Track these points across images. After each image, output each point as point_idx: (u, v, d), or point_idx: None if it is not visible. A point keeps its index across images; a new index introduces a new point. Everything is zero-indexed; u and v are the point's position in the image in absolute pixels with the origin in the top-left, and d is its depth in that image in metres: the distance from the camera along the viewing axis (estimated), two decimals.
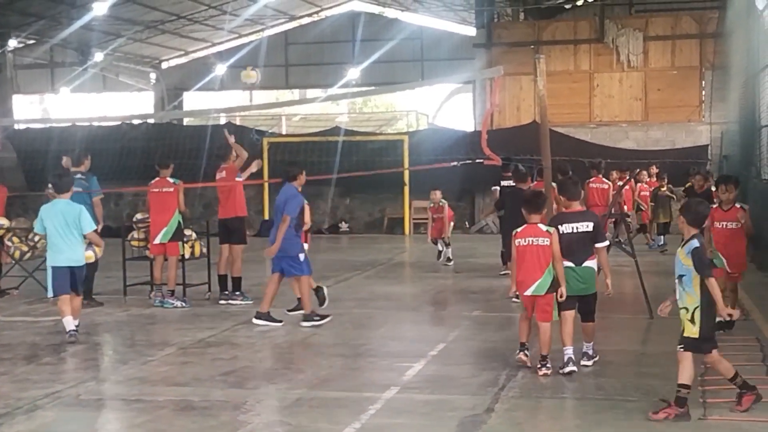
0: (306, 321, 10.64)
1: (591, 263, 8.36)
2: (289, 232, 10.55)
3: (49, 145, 23.51)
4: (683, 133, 26.73)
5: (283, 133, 35.58)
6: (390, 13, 38.19)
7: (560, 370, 8.05)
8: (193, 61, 38.87)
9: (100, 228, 12.57)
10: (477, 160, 16.27)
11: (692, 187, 16.02)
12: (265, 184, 24.82)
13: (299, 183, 10.91)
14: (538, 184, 13.36)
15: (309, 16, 38.25)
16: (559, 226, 8.35)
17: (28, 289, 13.26)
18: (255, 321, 10.79)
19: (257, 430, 6.60)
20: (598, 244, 8.42)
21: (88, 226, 10.22)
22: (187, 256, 12.99)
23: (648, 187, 19.54)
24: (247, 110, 39.43)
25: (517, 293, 8.41)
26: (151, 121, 29.09)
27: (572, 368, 8.03)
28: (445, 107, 44.19)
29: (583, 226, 8.32)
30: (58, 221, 10.12)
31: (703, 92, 26.89)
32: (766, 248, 13.99)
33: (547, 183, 11.07)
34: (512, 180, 13.73)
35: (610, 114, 27.39)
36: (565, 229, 8.33)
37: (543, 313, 8.17)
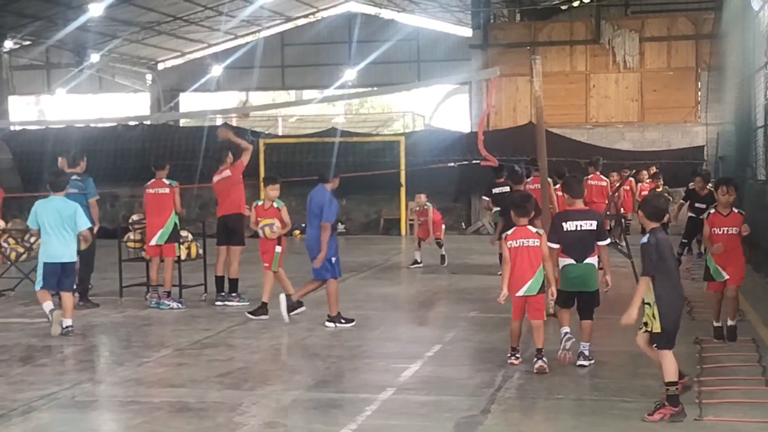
0: (330, 322, 10.70)
1: (592, 260, 8.48)
2: (319, 234, 10.67)
3: (45, 146, 23.42)
4: (679, 134, 26.74)
5: (280, 134, 35.60)
6: (386, 14, 38.21)
7: (560, 350, 8.42)
8: (190, 62, 38.86)
9: (96, 229, 12.61)
10: (473, 161, 16.34)
11: (694, 190, 15.93)
12: (261, 184, 24.82)
13: (332, 186, 10.98)
14: (534, 180, 13.39)
15: (305, 17, 38.26)
16: (563, 224, 8.46)
17: (24, 291, 13.23)
18: (327, 324, 10.73)
19: None
20: (600, 242, 8.52)
21: (84, 224, 10.54)
22: (184, 258, 12.99)
23: (648, 188, 19.55)
24: (244, 111, 39.42)
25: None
26: (148, 123, 29.03)
27: (570, 339, 8.37)
28: (441, 108, 44.22)
29: (587, 224, 8.43)
30: (53, 218, 10.34)
31: (699, 93, 26.90)
32: (762, 249, 14.00)
33: (543, 183, 11.10)
34: (510, 183, 13.70)
35: (607, 115, 27.40)
36: (568, 226, 8.44)
37: (535, 312, 8.31)
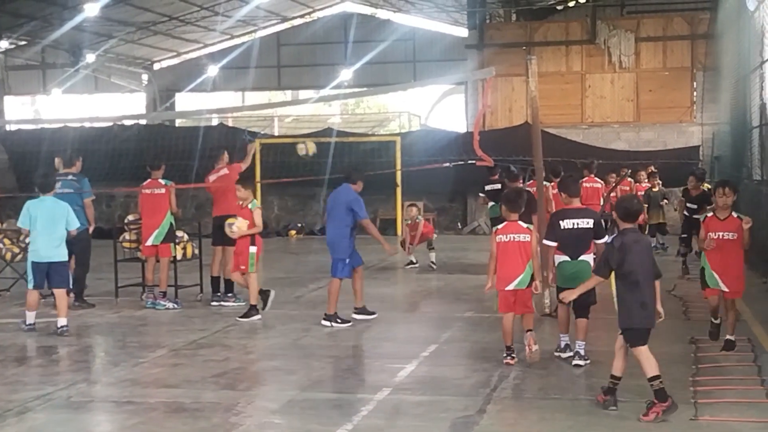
0: (326, 320, 10.80)
1: (587, 257, 8.59)
2: (346, 234, 10.79)
3: (41, 146, 23.37)
4: (675, 134, 26.75)
5: (276, 134, 35.57)
6: (382, 14, 38.18)
7: (556, 353, 8.60)
8: (185, 62, 38.81)
9: (91, 229, 12.61)
10: (469, 161, 16.29)
11: (687, 189, 15.83)
12: (257, 185, 24.81)
13: (357, 188, 11.04)
14: (532, 185, 13.43)
15: (301, 17, 38.23)
16: (561, 222, 8.62)
17: (20, 291, 13.15)
18: (354, 316, 11.00)
19: None
20: (598, 241, 8.63)
21: (74, 224, 10.78)
22: (179, 258, 12.97)
23: (646, 188, 19.59)
24: (240, 111, 39.38)
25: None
26: (143, 123, 29.02)
27: (569, 354, 8.50)
28: (437, 108, 44.21)
29: (584, 223, 8.56)
30: (45, 218, 10.50)
31: (695, 93, 26.90)
32: (757, 248, 14.01)
33: (539, 183, 11.11)
34: (507, 181, 13.77)
35: (602, 115, 27.40)
36: (566, 224, 8.59)
37: (523, 307, 8.53)
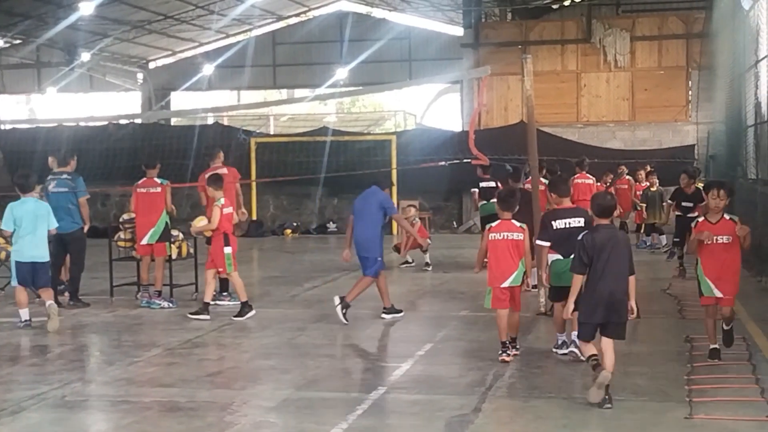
0: (387, 314, 11.15)
1: None
2: (378, 233, 11.12)
3: (36, 145, 23.36)
4: (670, 133, 26.79)
5: (271, 133, 35.55)
6: (378, 13, 38.15)
7: (554, 349, 8.68)
8: (181, 61, 38.76)
9: (86, 228, 12.60)
10: (465, 160, 16.30)
11: (681, 188, 15.75)
12: (252, 184, 24.79)
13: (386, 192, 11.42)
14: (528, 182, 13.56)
15: (297, 16, 38.20)
16: (553, 222, 8.73)
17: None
18: (383, 317, 11.12)
19: (244, 431, 6.59)
20: None
21: (54, 223, 11.08)
22: (174, 257, 12.95)
23: (645, 187, 19.64)
24: (235, 110, 39.35)
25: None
26: (138, 121, 28.97)
27: (568, 350, 8.54)
28: (432, 107, 44.20)
29: (575, 222, 8.64)
30: (29, 218, 10.73)
31: (690, 92, 26.94)
32: (752, 248, 14.00)
33: (535, 182, 11.12)
34: (510, 180, 13.93)
35: (597, 114, 27.43)
36: (558, 224, 8.70)
37: (518, 304, 8.73)
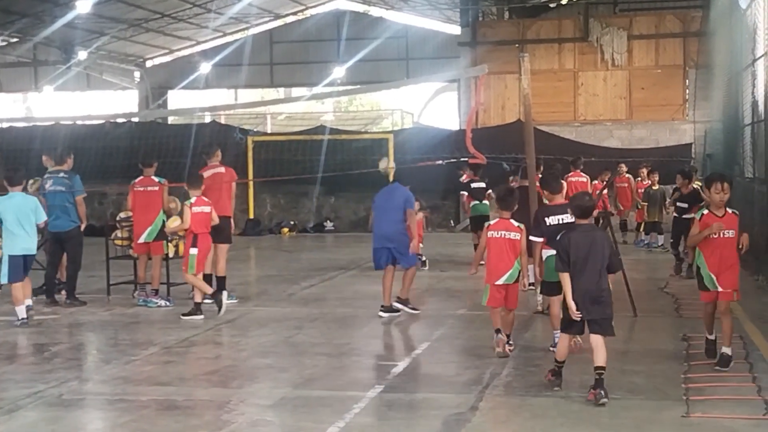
0: (401, 305, 11.28)
1: None
2: (403, 228, 11.20)
3: (32, 143, 23.30)
4: (667, 132, 26.78)
5: (268, 131, 35.53)
6: (375, 12, 38.11)
7: (551, 348, 8.65)
8: (178, 60, 38.70)
9: (83, 227, 12.59)
10: (462, 159, 16.34)
11: (678, 188, 15.77)
12: (249, 183, 24.79)
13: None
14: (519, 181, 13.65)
15: (294, 14, 38.16)
16: (546, 219, 8.84)
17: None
18: (381, 314, 11.14)
19: (241, 430, 6.58)
20: None
21: (42, 217, 11.28)
22: (172, 255, 12.94)
23: (646, 185, 19.67)
24: (232, 109, 39.31)
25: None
26: (136, 120, 28.92)
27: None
28: (430, 106, 44.17)
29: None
30: (15, 213, 10.96)
31: (687, 91, 26.92)
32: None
33: (532, 180, 11.13)
34: (520, 179, 14.02)
35: (595, 113, 27.42)
36: (551, 221, 8.80)
37: (514, 302, 8.87)
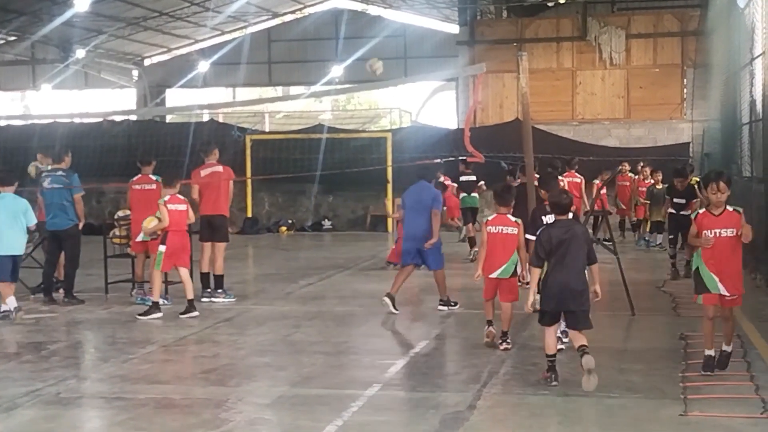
0: (444, 306, 11.48)
1: None
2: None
3: (30, 141, 23.31)
4: (665, 131, 26.82)
5: (266, 130, 35.53)
6: (373, 11, 38.08)
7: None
8: (176, 58, 38.69)
9: (81, 225, 12.59)
10: (460, 158, 16.34)
11: (673, 185, 15.60)
12: (248, 182, 24.79)
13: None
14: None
15: (292, 13, 38.14)
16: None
17: None
18: (384, 298, 11.34)
19: (239, 428, 6.59)
20: None
21: (32, 220, 11.35)
22: None
23: (648, 184, 19.62)
24: (230, 107, 39.28)
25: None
26: (133, 118, 28.92)
27: (560, 346, 8.56)
28: (428, 105, 44.16)
29: None
30: (5, 213, 11.01)
31: (685, 90, 26.96)
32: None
33: (530, 179, 11.15)
34: (523, 175, 14.09)
35: (593, 111, 27.45)
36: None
37: (507, 294, 9.05)
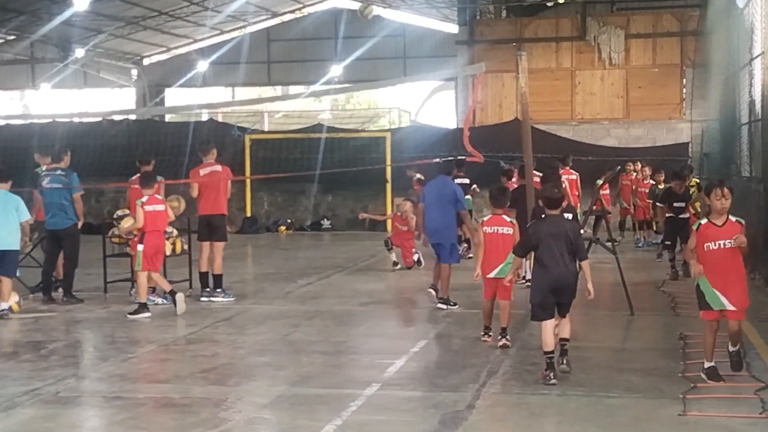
0: (443, 304, 11.49)
1: None
2: (453, 221, 11.47)
3: (30, 141, 23.30)
4: (664, 131, 26.81)
5: (266, 130, 35.52)
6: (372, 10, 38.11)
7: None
8: (175, 58, 38.68)
9: (80, 224, 12.59)
10: (459, 158, 16.32)
11: (671, 188, 15.18)
12: (247, 181, 24.79)
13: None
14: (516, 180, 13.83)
15: (291, 12, 38.12)
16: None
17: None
18: (439, 306, 11.45)
19: (237, 427, 6.59)
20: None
21: (25, 216, 11.50)
22: (169, 253, 12.93)
23: (650, 185, 19.60)
24: (230, 107, 39.27)
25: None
26: (133, 118, 28.91)
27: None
28: (427, 104, 44.17)
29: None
30: None
31: (684, 90, 26.96)
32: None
33: (529, 179, 11.17)
34: (504, 179, 14.13)
35: (592, 111, 27.44)
36: None
37: (504, 293, 9.22)
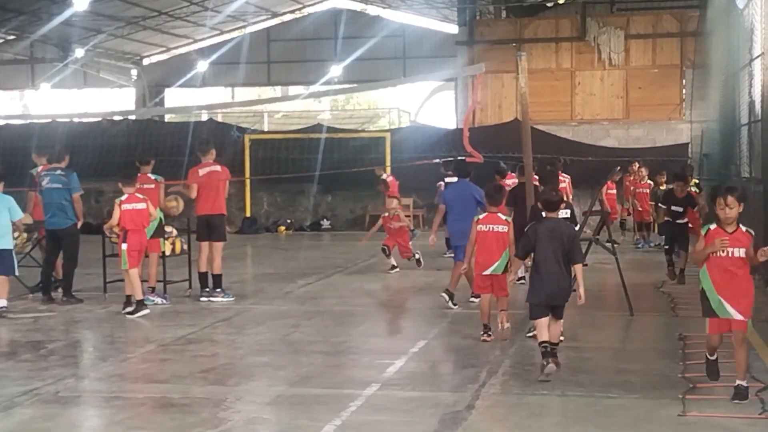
0: (447, 296, 11.65)
1: None
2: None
3: (29, 141, 23.29)
4: (664, 131, 26.81)
5: (265, 130, 35.53)
6: (372, 11, 38.06)
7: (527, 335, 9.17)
8: (175, 58, 38.67)
9: (80, 224, 12.59)
10: (459, 158, 16.32)
11: (672, 191, 14.75)
12: (246, 181, 24.79)
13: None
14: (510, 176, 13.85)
15: (291, 12, 38.13)
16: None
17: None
18: (472, 299, 11.51)
19: (237, 427, 6.58)
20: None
21: (17, 215, 11.66)
22: (168, 253, 12.94)
23: (651, 186, 19.57)
24: (229, 107, 39.28)
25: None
26: (132, 118, 28.89)
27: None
28: (427, 105, 44.17)
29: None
30: None
31: (684, 90, 26.95)
32: None
33: (528, 179, 11.15)
34: (497, 176, 14.06)
35: (592, 112, 27.44)
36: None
37: (500, 290, 9.48)
